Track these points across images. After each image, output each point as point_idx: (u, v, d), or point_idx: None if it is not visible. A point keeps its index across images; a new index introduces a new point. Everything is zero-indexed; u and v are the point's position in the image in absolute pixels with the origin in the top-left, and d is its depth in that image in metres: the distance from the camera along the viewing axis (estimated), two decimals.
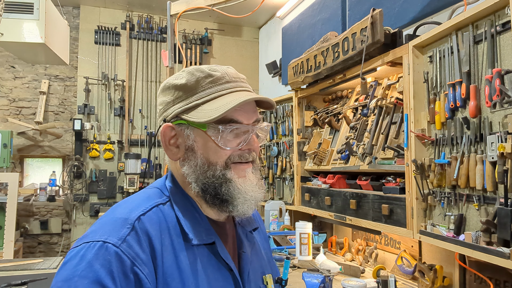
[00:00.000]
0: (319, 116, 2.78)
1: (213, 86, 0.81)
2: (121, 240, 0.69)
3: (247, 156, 0.83)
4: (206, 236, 0.79)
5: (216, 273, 0.78)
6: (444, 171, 1.62)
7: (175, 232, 0.77)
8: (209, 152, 0.80)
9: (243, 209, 0.80)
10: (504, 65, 1.39)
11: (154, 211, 0.78)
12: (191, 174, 0.81)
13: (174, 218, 0.79)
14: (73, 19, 4.71)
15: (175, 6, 2.94)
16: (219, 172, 0.80)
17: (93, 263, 0.66)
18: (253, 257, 0.90)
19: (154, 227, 0.74)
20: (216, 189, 0.80)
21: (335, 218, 2.38)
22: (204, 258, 0.78)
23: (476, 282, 1.76)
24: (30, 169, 4.78)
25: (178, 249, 0.75)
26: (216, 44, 5.00)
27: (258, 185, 0.83)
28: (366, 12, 2.24)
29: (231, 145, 0.81)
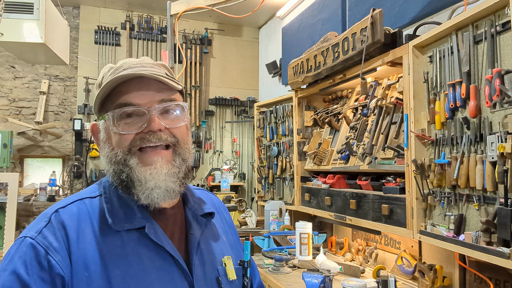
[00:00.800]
0: (319, 116, 2.78)
1: (110, 77, 0.82)
2: (37, 233, 0.75)
3: (149, 138, 0.80)
4: (136, 221, 0.80)
5: (153, 255, 0.79)
6: (444, 171, 1.62)
7: (100, 221, 0.79)
8: (112, 140, 0.83)
9: (148, 198, 0.79)
10: (504, 65, 1.39)
11: (75, 204, 0.81)
12: (105, 163, 0.85)
13: (101, 209, 0.81)
14: (73, 19, 4.71)
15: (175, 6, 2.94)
16: (120, 157, 0.81)
17: (13, 257, 0.73)
18: (208, 239, 0.91)
19: (72, 218, 0.78)
20: (119, 176, 0.81)
21: (335, 218, 2.38)
22: (134, 242, 0.79)
23: (476, 282, 1.76)
24: (30, 169, 4.78)
25: (101, 236, 0.77)
26: (216, 44, 5.00)
27: (168, 174, 0.81)
28: (366, 12, 2.25)
29: (127, 129, 0.80)
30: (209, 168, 4.84)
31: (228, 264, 0.89)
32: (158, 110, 0.81)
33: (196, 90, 4.78)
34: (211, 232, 0.93)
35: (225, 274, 0.88)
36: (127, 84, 0.81)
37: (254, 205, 4.70)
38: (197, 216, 0.91)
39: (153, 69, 0.84)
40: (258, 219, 3.53)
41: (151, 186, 0.79)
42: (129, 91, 0.81)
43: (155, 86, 0.82)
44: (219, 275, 0.87)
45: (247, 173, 4.97)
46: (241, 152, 4.98)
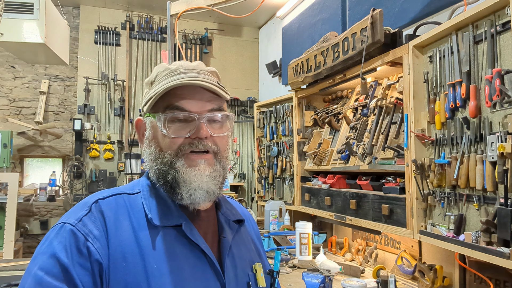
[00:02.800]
0: (319, 116, 2.78)
1: (166, 78, 0.85)
2: (78, 220, 0.77)
3: (197, 144, 0.83)
4: (173, 219, 0.83)
5: (188, 252, 0.81)
6: (444, 171, 1.62)
7: (138, 215, 0.82)
8: (160, 141, 0.85)
9: (190, 198, 0.82)
10: (504, 65, 1.39)
11: (114, 198, 0.84)
12: (148, 162, 0.87)
13: (140, 205, 0.84)
14: (73, 19, 4.71)
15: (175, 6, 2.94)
16: (168, 159, 0.83)
17: (53, 241, 0.75)
18: (239, 245, 0.92)
19: (111, 209, 0.81)
20: (164, 177, 0.84)
21: (335, 218, 2.38)
22: (171, 238, 0.81)
23: (476, 282, 1.76)
24: (30, 169, 4.78)
25: (139, 229, 0.80)
26: (216, 44, 5.00)
27: (210, 177, 0.84)
28: (366, 12, 2.25)
29: (176, 132, 0.83)
30: None
31: (259, 271, 0.91)
32: (207, 118, 0.85)
33: None
34: (241, 239, 0.95)
35: (255, 281, 0.89)
36: (181, 89, 0.84)
37: (254, 205, 4.70)
38: (230, 221, 0.94)
39: (207, 77, 0.87)
40: (258, 219, 3.53)
41: (195, 186, 0.82)
42: (183, 96, 0.84)
43: (207, 94, 0.86)
44: (249, 281, 0.88)
45: (247, 173, 4.97)
46: (241, 152, 4.98)
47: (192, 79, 0.83)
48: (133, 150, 4.65)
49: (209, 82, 0.85)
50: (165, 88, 0.82)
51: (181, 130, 0.84)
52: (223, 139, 0.89)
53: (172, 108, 0.84)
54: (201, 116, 0.84)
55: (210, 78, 0.87)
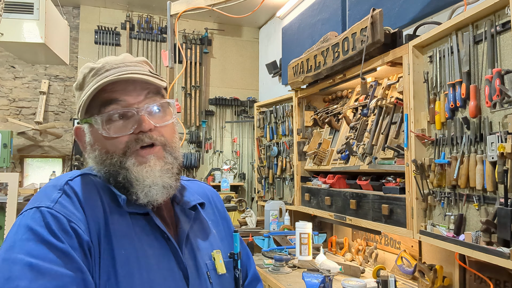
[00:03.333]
0: (319, 116, 2.78)
1: (94, 79, 0.81)
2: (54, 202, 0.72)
3: (142, 138, 0.80)
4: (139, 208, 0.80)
5: (153, 240, 0.79)
6: (444, 171, 1.62)
7: (107, 196, 0.79)
8: (105, 143, 0.81)
9: (147, 197, 0.79)
10: (504, 65, 1.39)
11: (82, 177, 0.80)
12: (96, 166, 0.83)
13: (106, 186, 0.80)
14: (73, 19, 4.71)
15: (175, 6, 2.94)
16: (116, 160, 0.80)
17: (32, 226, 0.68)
18: (197, 234, 0.90)
19: (83, 189, 0.76)
20: (115, 177, 0.80)
21: (335, 218, 2.38)
22: (139, 225, 0.79)
23: (476, 282, 1.76)
24: (30, 169, 4.78)
25: (110, 213, 0.76)
26: (216, 44, 5.00)
27: (162, 170, 0.81)
28: (366, 12, 2.25)
29: (118, 131, 0.80)
30: (209, 168, 4.84)
31: (217, 258, 0.89)
32: (147, 109, 0.81)
33: (196, 90, 4.78)
34: (200, 226, 0.93)
35: (214, 269, 0.88)
36: (112, 85, 0.80)
37: (254, 205, 4.70)
38: (185, 210, 0.91)
39: (136, 68, 0.83)
40: (258, 219, 3.53)
41: (149, 183, 0.79)
42: (115, 92, 0.80)
43: (140, 85, 0.81)
44: (208, 270, 0.86)
45: (247, 173, 4.97)
46: (241, 152, 4.98)
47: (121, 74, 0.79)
48: None
49: (139, 73, 0.81)
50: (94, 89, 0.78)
51: (122, 128, 0.80)
52: (168, 128, 0.85)
53: (106, 107, 0.79)
54: (139, 109, 0.80)
55: (140, 69, 0.84)
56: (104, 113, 0.79)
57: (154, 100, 0.83)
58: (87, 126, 0.84)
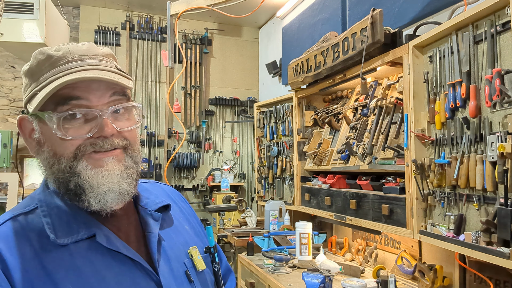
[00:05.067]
0: (319, 116, 2.78)
1: (51, 69, 0.72)
2: None
3: (101, 144, 0.72)
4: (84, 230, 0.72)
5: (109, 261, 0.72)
6: (444, 171, 1.62)
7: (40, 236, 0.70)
8: (55, 144, 0.72)
9: (100, 204, 0.72)
10: (504, 65, 1.39)
11: (7, 225, 0.71)
12: (45, 169, 0.75)
13: (40, 224, 0.71)
14: (73, 19, 4.71)
15: (175, 6, 2.94)
16: (65, 165, 0.71)
17: None
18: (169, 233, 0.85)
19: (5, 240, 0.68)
20: (66, 185, 0.72)
21: (335, 218, 2.38)
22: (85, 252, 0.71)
23: (476, 282, 1.76)
24: (30, 169, 4.78)
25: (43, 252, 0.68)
26: (216, 44, 5.00)
27: (122, 176, 0.73)
28: (366, 12, 2.24)
29: (76, 133, 0.71)
30: (209, 168, 4.84)
31: (195, 254, 0.84)
32: (111, 113, 0.73)
33: (196, 90, 4.78)
34: (170, 226, 0.87)
35: (193, 266, 0.83)
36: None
37: (254, 205, 4.70)
38: (152, 212, 0.84)
39: (102, 63, 0.74)
40: (258, 219, 3.53)
41: (104, 190, 0.71)
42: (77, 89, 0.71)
43: (106, 84, 0.73)
44: (187, 268, 0.82)
45: (247, 173, 4.97)
46: (241, 152, 4.98)
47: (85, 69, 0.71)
48: None
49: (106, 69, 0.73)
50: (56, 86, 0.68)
51: (80, 130, 0.71)
52: (132, 132, 0.77)
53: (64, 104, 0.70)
54: (103, 111, 0.71)
55: (106, 64, 0.75)
56: (62, 112, 0.70)
57: (119, 101, 0.75)
58: (37, 121, 0.74)
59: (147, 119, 4.74)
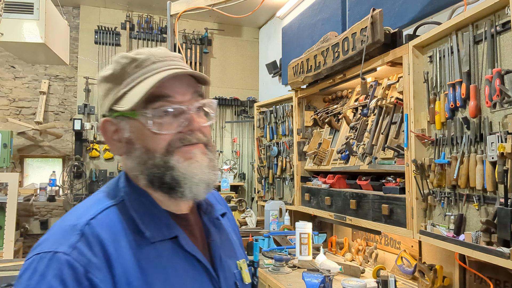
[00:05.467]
0: (319, 116, 2.78)
1: (138, 71, 0.76)
2: (72, 248, 0.67)
3: (189, 138, 0.76)
4: (167, 231, 0.76)
5: (186, 265, 0.76)
6: (444, 171, 1.62)
7: (132, 231, 0.74)
8: (146, 141, 0.76)
9: (192, 194, 0.76)
10: (504, 65, 1.39)
11: (105, 214, 0.74)
12: (136, 167, 0.77)
13: (130, 218, 0.75)
14: (73, 19, 4.71)
15: (175, 6, 2.94)
16: (159, 160, 0.75)
17: (46, 275, 0.65)
18: (224, 244, 0.88)
19: (106, 230, 0.71)
20: (160, 179, 0.75)
21: (335, 218, 2.38)
22: (168, 252, 0.75)
23: (476, 282, 1.76)
24: (30, 169, 4.78)
25: (137, 248, 0.72)
26: (216, 44, 5.00)
27: (209, 167, 0.78)
28: (366, 12, 2.24)
29: (168, 128, 0.75)
30: None
31: (244, 267, 0.88)
32: (196, 109, 0.78)
33: None
34: (225, 235, 0.90)
35: (241, 278, 0.86)
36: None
37: (254, 205, 4.69)
38: (214, 220, 0.88)
39: (181, 63, 0.80)
40: (258, 219, 3.53)
41: (197, 180, 0.76)
42: (164, 88, 0.75)
43: (187, 82, 0.78)
44: (236, 280, 0.85)
45: (247, 173, 4.97)
46: (241, 152, 4.98)
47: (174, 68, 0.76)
48: None
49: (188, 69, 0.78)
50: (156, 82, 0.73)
51: (171, 125, 0.75)
52: (207, 129, 0.81)
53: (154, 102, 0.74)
54: (190, 107, 0.77)
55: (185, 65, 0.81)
56: (156, 109, 0.74)
57: (198, 99, 0.79)
58: (126, 121, 0.77)
59: None
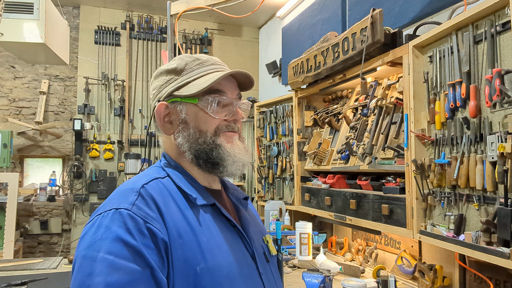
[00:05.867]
0: (319, 116, 2.78)
1: (200, 67, 0.96)
2: (131, 205, 0.79)
3: (233, 126, 0.96)
4: (207, 198, 0.91)
5: (223, 227, 0.90)
6: (444, 171, 1.62)
7: (178, 197, 0.88)
8: (200, 122, 0.93)
9: (231, 170, 0.93)
10: (504, 65, 1.39)
11: (155, 182, 0.89)
12: (185, 143, 0.93)
13: (175, 187, 0.90)
14: (73, 19, 4.71)
15: (175, 6, 2.94)
16: (210, 139, 0.92)
17: (110, 226, 0.76)
18: (251, 221, 1.03)
19: (157, 193, 0.85)
20: (207, 154, 0.92)
21: (335, 218, 2.38)
22: (209, 215, 0.89)
23: (476, 282, 1.76)
24: (30, 169, 4.78)
25: (184, 209, 0.86)
26: (216, 44, 5.00)
27: (245, 150, 0.96)
28: (366, 12, 2.24)
29: (219, 115, 0.94)
30: None
31: (270, 241, 1.03)
32: (241, 104, 0.98)
33: None
34: (251, 214, 1.07)
35: (268, 250, 1.01)
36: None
37: (254, 205, 4.69)
38: (240, 200, 1.05)
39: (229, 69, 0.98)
40: None
41: (237, 159, 0.93)
42: (220, 84, 0.93)
43: (235, 84, 0.98)
44: (264, 250, 0.99)
45: (247, 173, 4.97)
46: None
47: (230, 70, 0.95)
48: (133, 150, 4.66)
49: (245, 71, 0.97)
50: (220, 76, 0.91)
51: (221, 112, 0.94)
52: (241, 123, 1.01)
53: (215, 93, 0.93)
54: (237, 102, 0.96)
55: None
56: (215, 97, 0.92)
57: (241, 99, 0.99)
58: (183, 105, 0.94)
59: (147, 119, 4.74)
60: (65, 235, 4.58)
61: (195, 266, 0.80)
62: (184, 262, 0.79)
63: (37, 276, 2.03)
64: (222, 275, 0.82)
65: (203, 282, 0.79)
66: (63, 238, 4.56)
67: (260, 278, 0.91)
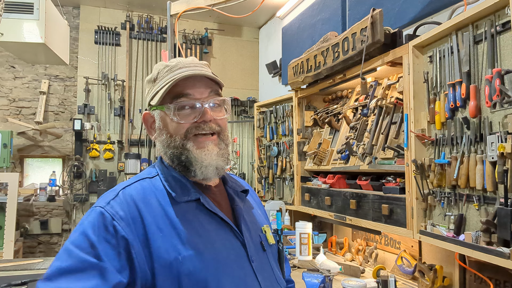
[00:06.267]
0: (319, 116, 2.78)
1: (168, 73, 0.99)
2: (106, 203, 0.90)
3: (203, 127, 0.97)
4: (192, 194, 0.96)
5: (209, 219, 0.96)
6: (444, 171, 1.62)
7: (162, 194, 0.95)
8: (169, 128, 0.98)
9: (202, 174, 0.97)
10: (504, 65, 1.39)
11: (139, 183, 0.97)
12: (161, 148, 1.01)
13: (161, 185, 0.98)
14: (73, 19, 4.71)
15: (175, 6, 2.94)
16: (179, 143, 0.97)
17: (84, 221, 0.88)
18: (248, 212, 1.08)
19: (138, 192, 0.93)
20: (178, 158, 0.98)
21: (335, 218, 2.38)
22: (193, 210, 0.95)
23: (476, 282, 1.76)
24: (30, 169, 4.78)
25: (166, 205, 0.93)
26: (216, 44, 5.00)
27: (218, 155, 0.98)
28: (366, 12, 2.24)
29: (187, 118, 0.97)
30: None
31: (268, 231, 1.08)
32: (209, 104, 0.98)
33: None
34: (249, 206, 1.12)
35: (265, 240, 1.06)
36: (184, 80, 0.97)
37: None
38: (238, 192, 1.09)
39: (204, 69, 1.01)
40: None
41: (206, 164, 0.96)
42: (187, 86, 0.97)
43: (205, 83, 0.99)
44: (261, 240, 1.04)
45: (247, 173, 4.97)
46: (241, 152, 4.98)
47: (195, 71, 0.97)
48: (133, 150, 4.65)
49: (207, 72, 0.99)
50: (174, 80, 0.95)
51: (188, 116, 0.97)
52: (223, 121, 1.02)
53: (179, 98, 0.96)
54: (204, 103, 0.97)
55: (207, 70, 1.02)
56: (177, 103, 0.96)
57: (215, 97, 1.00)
58: (157, 112, 1.01)
59: None
60: (65, 235, 4.57)
61: (176, 255, 0.87)
62: (165, 252, 0.87)
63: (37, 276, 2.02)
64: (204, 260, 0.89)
65: (185, 269, 0.86)
66: (63, 238, 4.56)
67: (251, 265, 0.96)
